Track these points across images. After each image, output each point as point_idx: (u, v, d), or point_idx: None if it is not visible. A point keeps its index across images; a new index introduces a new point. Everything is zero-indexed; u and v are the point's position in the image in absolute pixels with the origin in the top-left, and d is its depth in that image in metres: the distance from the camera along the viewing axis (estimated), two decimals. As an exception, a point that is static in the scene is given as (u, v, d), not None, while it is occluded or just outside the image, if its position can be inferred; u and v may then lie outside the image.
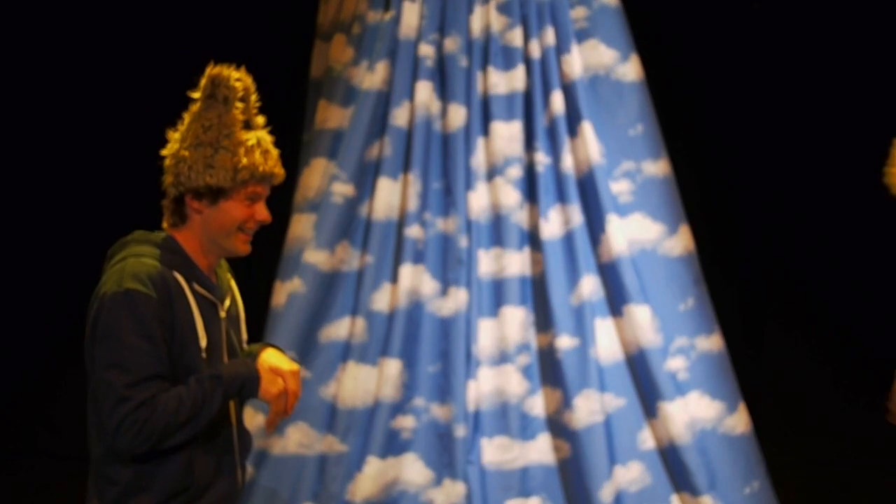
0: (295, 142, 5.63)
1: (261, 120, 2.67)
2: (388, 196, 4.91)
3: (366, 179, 4.98)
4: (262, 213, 2.60)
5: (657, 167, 5.01)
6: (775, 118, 6.71)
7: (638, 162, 4.99)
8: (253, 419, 4.76)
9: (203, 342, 2.50)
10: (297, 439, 4.74)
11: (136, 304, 2.38)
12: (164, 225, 2.61)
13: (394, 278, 4.87)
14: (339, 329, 4.85)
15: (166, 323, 2.42)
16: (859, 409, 6.69)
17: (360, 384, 4.75)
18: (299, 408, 4.71)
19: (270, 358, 2.58)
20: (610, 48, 4.98)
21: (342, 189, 4.94)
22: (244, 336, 2.72)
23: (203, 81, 2.55)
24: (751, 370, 6.25)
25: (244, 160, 2.52)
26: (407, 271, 4.82)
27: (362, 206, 4.96)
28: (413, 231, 4.88)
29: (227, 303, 2.65)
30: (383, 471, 4.66)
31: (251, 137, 2.56)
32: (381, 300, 4.84)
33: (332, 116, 5.13)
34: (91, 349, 2.42)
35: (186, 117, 2.58)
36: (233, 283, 2.75)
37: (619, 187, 4.95)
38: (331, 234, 4.91)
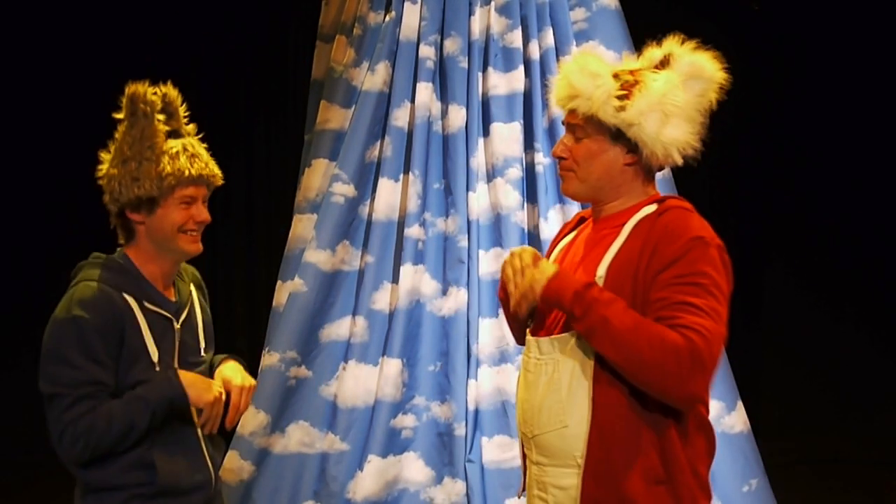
0: (296, 142, 5.66)
1: (191, 128, 2.75)
2: (388, 196, 4.93)
3: (366, 180, 5.00)
4: (200, 213, 2.67)
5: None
6: (775, 116, 6.74)
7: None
8: (255, 418, 4.78)
9: (155, 357, 2.62)
10: (299, 438, 4.76)
11: (81, 328, 2.52)
12: (120, 241, 2.73)
13: (394, 278, 4.89)
14: (340, 328, 4.87)
15: (112, 343, 2.55)
16: (859, 407, 6.73)
17: (361, 383, 4.77)
18: (300, 407, 4.77)
19: (226, 370, 2.75)
20: (609, 49, 4.99)
21: (343, 189, 4.96)
22: (202, 344, 2.82)
23: (123, 101, 2.64)
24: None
25: (168, 167, 2.60)
26: (407, 271, 4.84)
27: (363, 207, 4.98)
28: (413, 231, 4.90)
29: (185, 314, 2.75)
30: (384, 469, 4.67)
31: (175, 145, 2.65)
32: (382, 300, 4.86)
33: (333, 117, 5.15)
34: (42, 369, 2.58)
35: (116, 137, 2.68)
36: (195, 294, 2.85)
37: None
38: (332, 234, 4.93)
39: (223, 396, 2.66)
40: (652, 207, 2.47)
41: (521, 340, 2.69)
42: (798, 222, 7.01)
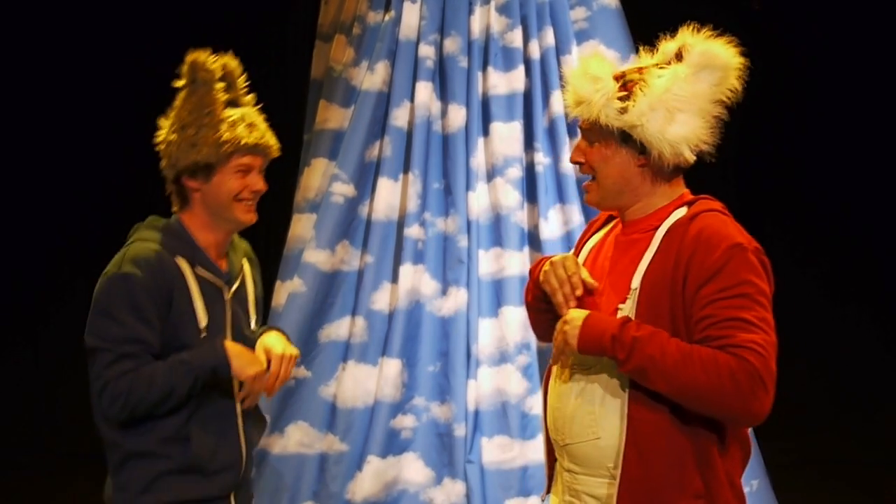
0: (296, 142, 5.65)
1: (249, 98, 2.77)
2: (388, 196, 4.92)
3: (366, 179, 4.99)
4: (256, 182, 2.69)
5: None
6: (777, 113, 6.73)
7: (638, 162, 5.00)
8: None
9: (203, 322, 2.62)
10: (298, 438, 4.75)
11: (131, 285, 2.53)
12: (174, 209, 2.74)
13: (394, 278, 4.87)
14: (340, 329, 4.86)
15: (161, 304, 2.56)
16: (860, 407, 6.72)
17: (361, 384, 4.76)
18: (300, 407, 4.76)
19: (267, 340, 2.74)
20: (610, 49, 4.98)
21: (342, 189, 4.95)
22: (252, 317, 2.82)
23: (184, 69, 2.66)
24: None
25: (226, 134, 2.61)
26: (407, 271, 4.83)
27: (362, 206, 4.96)
28: (413, 231, 4.88)
29: (236, 285, 2.75)
30: (383, 470, 4.66)
31: (234, 113, 2.66)
32: (382, 300, 4.85)
33: (332, 117, 5.14)
34: (89, 323, 2.59)
35: (175, 104, 2.70)
36: (246, 267, 2.84)
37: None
38: (331, 234, 4.92)
39: (264, 373, 2.64)
40: (682, 212, 2.40)
41: (545, 338, 2.63)
42: (799, 223, 7.00)
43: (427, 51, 5.00)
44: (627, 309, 2.37)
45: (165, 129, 2.68)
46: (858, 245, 6.93)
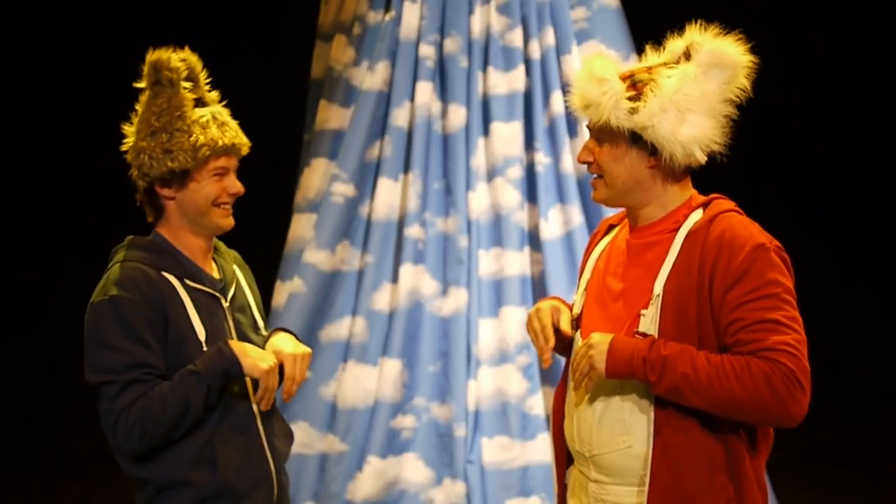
0: (296, 142, 5.65)
1: (214, 95, 2.61)
2: (388, 196, 4.91)
3: (366, 179, 4.99)
4: (233, 185, 2.55)
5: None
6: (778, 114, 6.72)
7: (638, 162, 4.99)
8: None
9: (202, 335, 2.49)
10: (298, 439, 4.71)
11: (120, 309, 2.40)
12: (149, 219, 2.61)
13: (394, 278, 4.87)
14: (340, 329, 4.86)
15: (156, 323, 2.43)
16: (860, 407, 6.72)
17: (361, 384, 4.76)
18: (300, 407, 4.76)
19: (276, 341, 2.60)
20: (610, 49, 4.98)
21: (343, 189, 4.95)
22: (260, 322, 2.70)
23: (145, 69, 2.53)
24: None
25: (201, 137, 2.48)
26: (407, 271, 4.83)
27: (363, 206, 4.96)
28: (413, 231, 4.88)
29: (232, 291, 2.63)
30: (383, 470, 4.66)
31: (205, 114, 2.52)
32: (382, 300, 4.85)
33: (332, 117, 5.13)
34: (86, 359, 2.45)
35: (138, 108, 2.56)
36: (238, 272, 2.72)
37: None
38: (331, 234, 4.91)
39: (277, 367, 2.51)
40: (698, 214, 2.37)
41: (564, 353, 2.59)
42: (800, 222, 7.00)
43: (427, 51, 5.00)
44: (650, 315, 2.33)
45: (132, 136, 2.52)
46: (858, 244, 6.92)
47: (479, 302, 4.80)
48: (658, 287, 2.33)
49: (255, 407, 2.57)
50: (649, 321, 2.33)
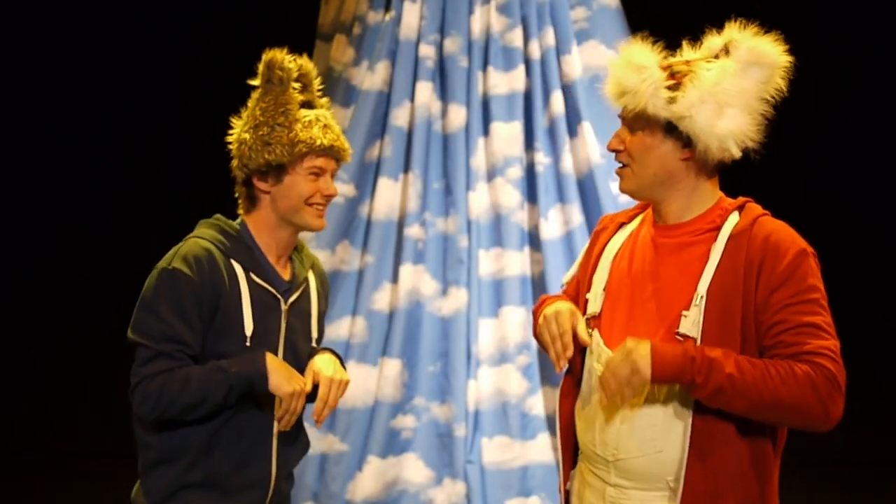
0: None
1: (324, 101, 2.70)
2: (388, 196, 4.92)
3: (366, 179, 4.99)
4: (328, 187, 2.61)
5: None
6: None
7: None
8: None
9: (248, 330, 2.53)
10: (298, 439, 4.76)
11: (176, 282, 2.47)
12: (240, 211, 2.67)
13: (394, 278, 4.88)
14: (340, 329, 4.86)
15: (205, 305, 2.49)
16: (860, 407, 6.70)
17: (361, 384, 4.76)
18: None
19: (318, 362, 2.60)
20: (610, 49, 4.99)
21: (343, 189, 4.95)
22: (314, 334, 2.71)
23: (260, 67, 2.62)
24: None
25: (300, 134, 2.56)
26: (407, 271, 4.83)
27: (363, 206, 4.97)
28: (413, 231, 4.89)
29: (295, 297, 2.65)
30: (384, 470, 4.66)
31: (309, 115, 2.60)
32: (382, 300, 4.85)
33: (332, 117, 5.14)
34: (133, 316, 2.52)
35: (249, 104, 2.65)
36: (313, 281, 2.72)
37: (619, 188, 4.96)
38: (331, 233, 4.92)
39: (305, 392, 2.51)
40: (736, 217, 2.35)
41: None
42: (802, 222, 6.98)
43: (427, 51, 5.00)
44: (692, 316, 2.30)
45: (238, 129, 2.62)
46: (863, 243, 6.91)
47: (479, 302, 4.81)
48: (702, 288, 2.30)
49: (275, 424, 2.58)
50: (691, 323, 2.30)
